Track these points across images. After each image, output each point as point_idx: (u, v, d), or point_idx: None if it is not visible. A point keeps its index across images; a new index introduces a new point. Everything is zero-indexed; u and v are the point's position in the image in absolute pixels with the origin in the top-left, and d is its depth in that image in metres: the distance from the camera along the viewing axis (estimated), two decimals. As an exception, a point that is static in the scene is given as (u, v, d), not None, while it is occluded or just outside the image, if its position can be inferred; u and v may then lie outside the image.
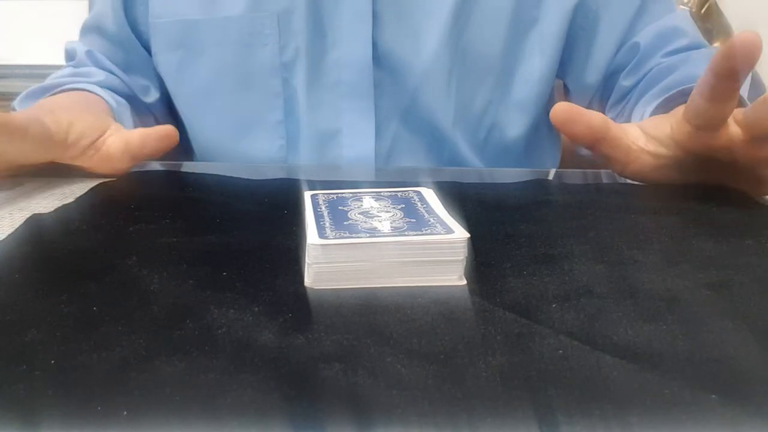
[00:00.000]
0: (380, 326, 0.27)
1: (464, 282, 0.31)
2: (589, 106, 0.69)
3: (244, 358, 0.25)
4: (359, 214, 0.34)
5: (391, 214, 0.34)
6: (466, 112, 0.63)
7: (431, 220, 0.33)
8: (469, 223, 0.33)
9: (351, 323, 0.27)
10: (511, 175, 0.54)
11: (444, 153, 0.65)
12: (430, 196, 0.37)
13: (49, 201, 0.44)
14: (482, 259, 0.34)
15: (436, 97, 0.62)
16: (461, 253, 0.31)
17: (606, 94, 0.67)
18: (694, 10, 1.24)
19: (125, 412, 0.22)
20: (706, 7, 1.23)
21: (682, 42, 0.63)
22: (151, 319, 0.28)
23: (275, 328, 0.27)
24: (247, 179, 0.49)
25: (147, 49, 0.66)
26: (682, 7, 1.24)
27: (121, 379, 0.23)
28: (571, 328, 0.27)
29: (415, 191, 0.38)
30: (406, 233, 0.31)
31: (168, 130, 0.49)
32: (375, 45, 0.60)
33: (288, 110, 0.62)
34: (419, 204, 0.36)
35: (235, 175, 0.50)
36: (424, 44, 0.60)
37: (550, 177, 0.52)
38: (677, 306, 0.30)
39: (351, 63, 0.60)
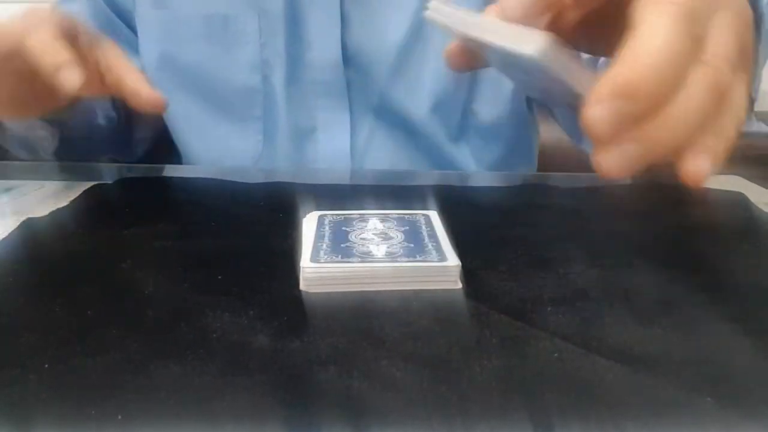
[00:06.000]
0: (376, 330, 0.27)
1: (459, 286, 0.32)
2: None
3: (239, 361, 0.25)
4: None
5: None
6: (440, 103, 0.64)
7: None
8: (465, 226, 0.34)
9: (346, 327, 0.27)
10: (507, 178, 0.54)
11: (420, 144, 0.65)
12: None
13: (44, 204, 0.43)
14: (477, 262, 0.34)
15: (407, 90, 0.63)
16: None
17: None
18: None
19: (119, 416, 0.22)
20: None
21: None
22: (146, 322, 0.28)
23: (271, 331, 0.27)
24: (243, 183, 0.49)
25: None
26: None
27: (116, 383, 0.23)
28: (567, 331, 0.27)
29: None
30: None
31: (158, 101, 0.44)
32: (344, 45, 0.61)
33: (266, 107, 0.64)
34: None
35: (226, 178, 0.50)
36: (391, 40, 0.62)
37: (546, 181, 0.52)
38: (672, 309, 0.30)
39: (323, 64, 0.62)
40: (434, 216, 0.38)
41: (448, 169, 0.66)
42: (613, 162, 0.24)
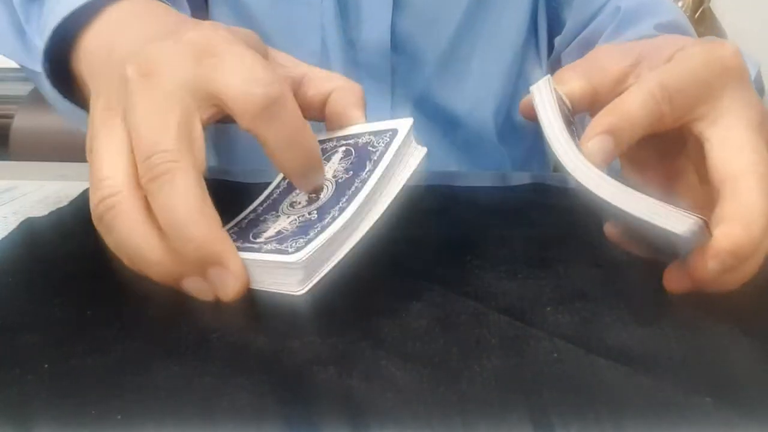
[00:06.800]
0: (375, 330, 0.27)
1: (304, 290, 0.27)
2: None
3: (239, 361, 0.25)
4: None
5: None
6: (483, 98, 0.64)
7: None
8: (464, 226, 0.33)
9: (346, 327, 0.27)
10: (507, 178, 0.54)
11: (459, 138, 0.65)
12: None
13: (44, 204, 0.43)
14: (477, 262, 0.34)
15: (452, 83, 0.62)
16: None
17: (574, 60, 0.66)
18: (688, 14, 1.24)
19: (119, 416, 0.22)
20: (700, 11, 1.23)
21: (669, 17, 0.60)
22: (146, 322, 0.28)
23: (270, 331, 0.27)
24: (238, 182, 0.49)
25: None
26: (675, 11, 1.25)
27: (116, 383, 0.23)
28: (566, 331, 0.27)
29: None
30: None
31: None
32: (394, 30, 0.60)
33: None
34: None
35: (227, 178, 0.50)
36: (442, 31, 0.61)
37: (546, 181, 0.52)
38: (671, 309, 0.30)
39: (370, 46, 0.61)
40: (404, 128, 0.31)
41: (485, 166, 0.66)
42: (683, 289, 0.30)
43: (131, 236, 0.27)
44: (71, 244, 0.36)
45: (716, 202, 0.30)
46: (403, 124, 0.31)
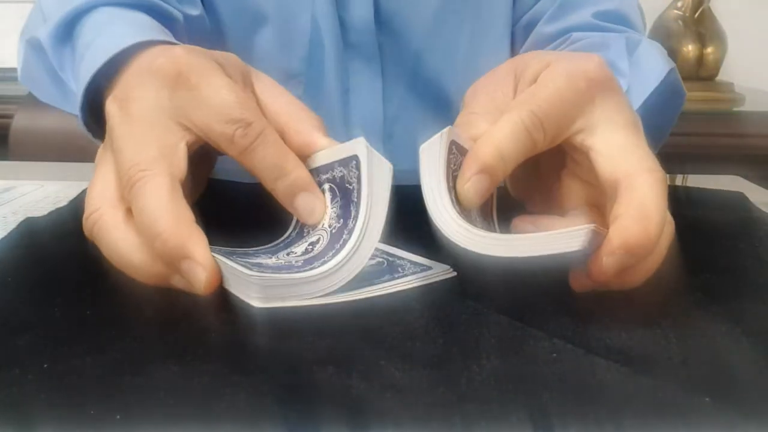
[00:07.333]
0: (374, 330, 0.27)
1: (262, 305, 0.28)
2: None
3: (237, 361, 0.25)
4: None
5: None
6: (475, 72, 0.63)
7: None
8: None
9: (345, 327, 0.27)
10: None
11: (452, 116, 0.64)
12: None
13: (43, 204, 0.43)
14: (476, 262, 0.34)
15: (441, 59, 0.62)
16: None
17: (520, 43, 0.65)
18: (687, 14, 1.24)
19: (118, 416, 0.21)
20: (699, 11, 1.23)
21: (610, 5, 0.60)
22: (145, 322, 0.28)
23: (269, 331, 0.27)
24: (244, 182, 0.49)
25: None
26: (675, 11, 1.25)
27: (115, 383, 0.23)
28: (565, 332, 0.27)
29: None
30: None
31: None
32: (377, 7, 0.60)
33: (312, 64, 0.61)
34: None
35: (227, 178, 0.50)
36: (425, 5, 0.61)
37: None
38: (670, 309, 0.30)
39: (356, 26, 0.61)
40: (362, 154, 0.30)
41: None
42: (587, 287, 0.30)
43: (113, 243, 0.29)
44: (70, 244, 0.36)
45: (612, 203, 0.30)
46: (359, 148, 0.31)
